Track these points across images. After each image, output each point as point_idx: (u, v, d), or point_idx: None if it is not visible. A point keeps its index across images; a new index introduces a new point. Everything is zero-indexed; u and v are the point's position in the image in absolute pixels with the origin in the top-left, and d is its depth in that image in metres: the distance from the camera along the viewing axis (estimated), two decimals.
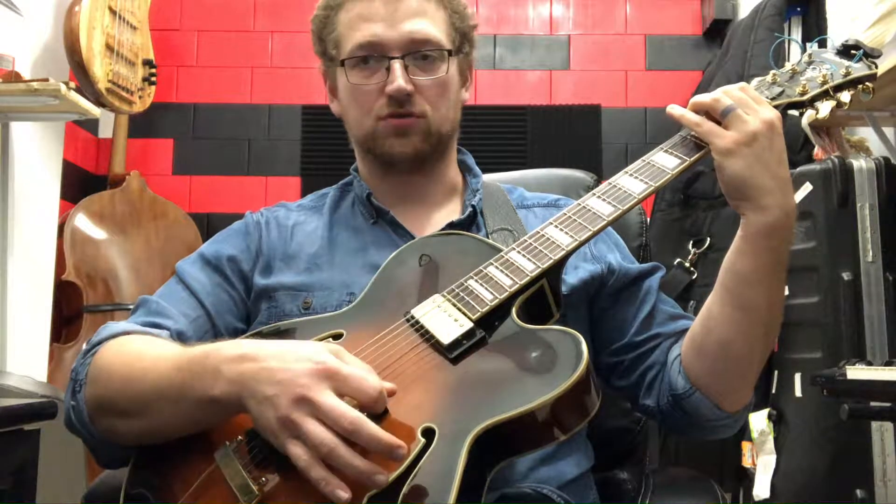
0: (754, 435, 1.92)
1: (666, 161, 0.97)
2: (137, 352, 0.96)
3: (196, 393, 0.84)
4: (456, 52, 1.15)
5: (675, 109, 0.99)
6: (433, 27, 1.11)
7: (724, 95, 0.94)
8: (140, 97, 2.78)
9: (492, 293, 0.91)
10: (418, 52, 1.10)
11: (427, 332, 0.89)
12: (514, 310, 0.90)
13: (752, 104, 0.93)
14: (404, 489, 0.75)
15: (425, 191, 1.18)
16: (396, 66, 1.08)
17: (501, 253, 0.96)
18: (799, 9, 2.48)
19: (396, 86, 1.08)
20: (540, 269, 0.92)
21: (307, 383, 0.76)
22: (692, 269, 2.40)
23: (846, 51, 1.03)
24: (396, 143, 1.11)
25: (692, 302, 2.31)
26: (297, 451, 0.75)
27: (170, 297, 1.08)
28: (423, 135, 1.11)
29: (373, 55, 1.10)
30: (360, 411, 0.76)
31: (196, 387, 0.84)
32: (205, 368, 0.84)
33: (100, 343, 0.99)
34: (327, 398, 0.75)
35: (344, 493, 0.73)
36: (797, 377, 1.85)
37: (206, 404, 0.84)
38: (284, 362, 0.78)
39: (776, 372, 1.91)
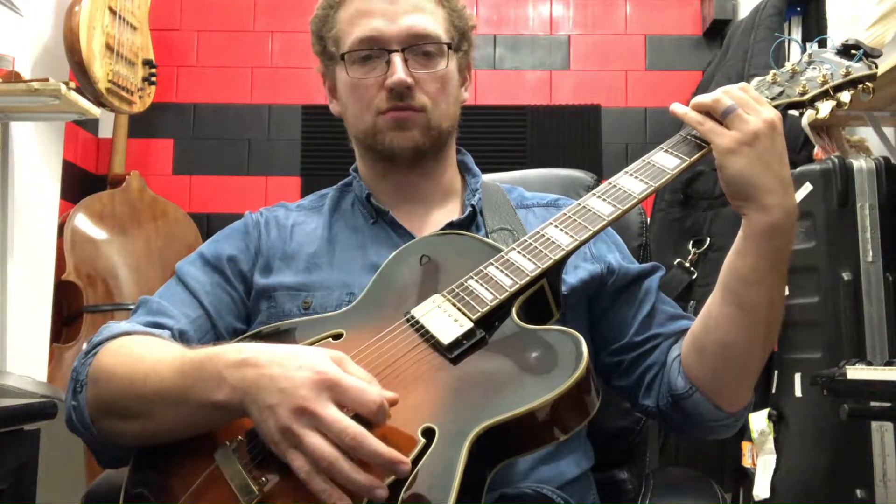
0: (754, 435, 1.91)
1: (666, 161, 0.97)
2: (139, 354, 0.95)
3: (198, 398, 0.84)
4: (455, 48, 1.16)
5: (677, 107, 0.99)
6: (432, 22, 1.12)
7: (725, 95, 0.94)
8: (140, 97, 2.78)
9: (492, 293, 0.91)
10: (418, 47, 1.10)
11: (427, 332, 0.89)
12: (514, 310, 0.90)
13: (752, 104, 0.94)
14: (404, 489, 0.75)
15: (425, 191, 1.17)
16: (396, 59, 1.09)
17: (501, 253, 0.96)
18: (799, 9, 2.48)
19: (397, 78, 1.08)
20: (540, 269, 0.92)
21: (307, 395, 0.75)
22: (692, 269, 2.40)
23: (846, 51, 1.03)
24: (397, 136, 1.10)
25: (692, 302, 2.31)
26: (297, 462, 0.75)
27: (170, 297, 1.08)
28: (423, 129, 1.11)
29: (373, 49, 1.10)
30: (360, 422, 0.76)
31: (198, 392, 0.84)
32: (207, 373, 0.84)
33: (101, 343, 0.98)
34: (329, 411, 0.75)
35: None
36: (797, 377, 1.85)
37: (208, 409, 0.84)
38: (285, 369, 0.78)
39: (776, 372, 1.91)
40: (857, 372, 1.38)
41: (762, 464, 1.89)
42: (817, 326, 1.82)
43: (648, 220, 1.59)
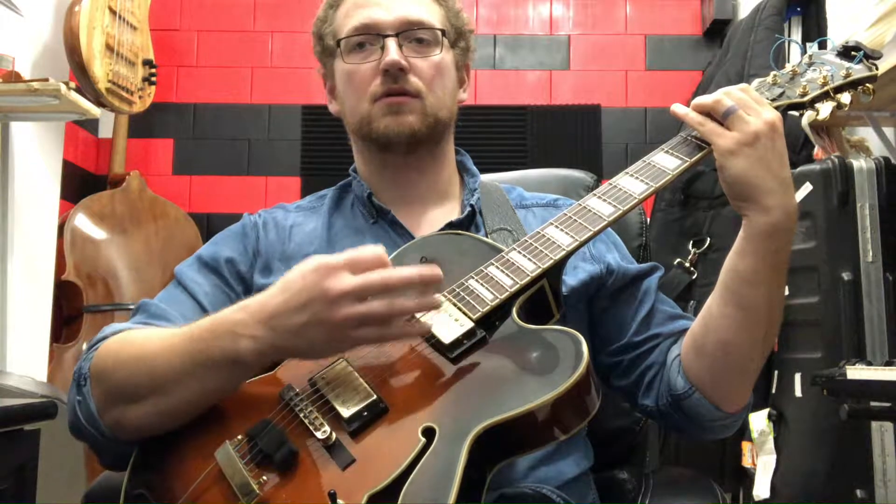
0: (754, 435, 1.92)
1: (666, 162, 0.97)
2: (144, 337, 0.96)
3: (216, 359, 0.86)
4: (452, 43, 1.16)
5: (678, 108, 0.99)
6: (427, 12, 1.14)
7: (726, 96, 0.94)
8: (140, 97, 2.78)
9: (492, 293, 0.91)
10: (412, 32, 1.12)
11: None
12: (514, 310, 0.90)
13: (753, 105, 0.94)
14: (405, 488, 0.75)
15: (423, 190, 1.17)
16: (390, 42, 1.10)
17: (502, 253, 0.96)
18: (799, 9, 2.48)
19: (390, 59, 1.08)
20: (540, 270, 0.92)
21: (327, 286, 0.81)
22: (692, 269, 2.40)
23: (846, 52, 1.03)
24: (392, 121, 1.10)
25: (692, 302, 2.31)
26: (366, 333, 0.82)
27: (169, 300, 1.08)
28: (418, 114, 1.11)
29: (368, 36, 1.12)
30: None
31: (215, 353, 0.86)
32: (217, 335, 0.86)
33: (102, 340, 0.99)
34: (351, 280, 0.81)
35: (428, 322, 0.85)
36: (797, 377, 1.85)
37: (229, 367, 0.86)
38: (291, 290, 0.83)
39: (776, 372, 1.91)
40: (857, 372, 1.38)
41: (762, 464, 1.89)
42: (817, 326, 1.82)
43: (648, 220, 1.59)
